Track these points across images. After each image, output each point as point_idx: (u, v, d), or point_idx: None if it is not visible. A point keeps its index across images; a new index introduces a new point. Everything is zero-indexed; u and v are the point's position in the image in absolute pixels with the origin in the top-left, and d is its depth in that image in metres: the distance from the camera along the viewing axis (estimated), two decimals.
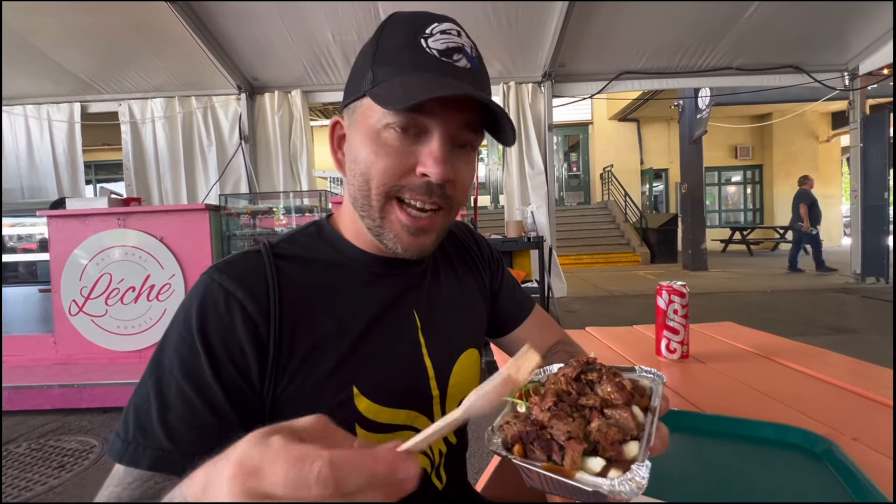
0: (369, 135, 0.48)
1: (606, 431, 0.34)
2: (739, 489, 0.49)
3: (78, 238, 2.75)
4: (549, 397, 0.38)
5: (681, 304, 0.92)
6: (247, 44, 3.85)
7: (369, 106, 0.48)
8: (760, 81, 4.53)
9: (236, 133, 4.31)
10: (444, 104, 0.46)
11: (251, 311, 0.46)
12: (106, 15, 3.41)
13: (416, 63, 0.47)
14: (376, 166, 0.48)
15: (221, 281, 0.47)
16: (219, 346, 0.45)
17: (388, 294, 0.55)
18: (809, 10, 3.78)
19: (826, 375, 0.81)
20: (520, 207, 4.35)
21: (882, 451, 0.55)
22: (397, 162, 0.47)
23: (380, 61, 0.48)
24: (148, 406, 0.42)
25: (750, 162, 11.67)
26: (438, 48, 0.47)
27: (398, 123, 0.46)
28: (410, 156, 0.48)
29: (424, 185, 0.48)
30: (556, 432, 0.34)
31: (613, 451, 0.34)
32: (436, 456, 0.58)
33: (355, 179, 0.50)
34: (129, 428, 0.42)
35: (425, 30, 0.48)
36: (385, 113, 0.46)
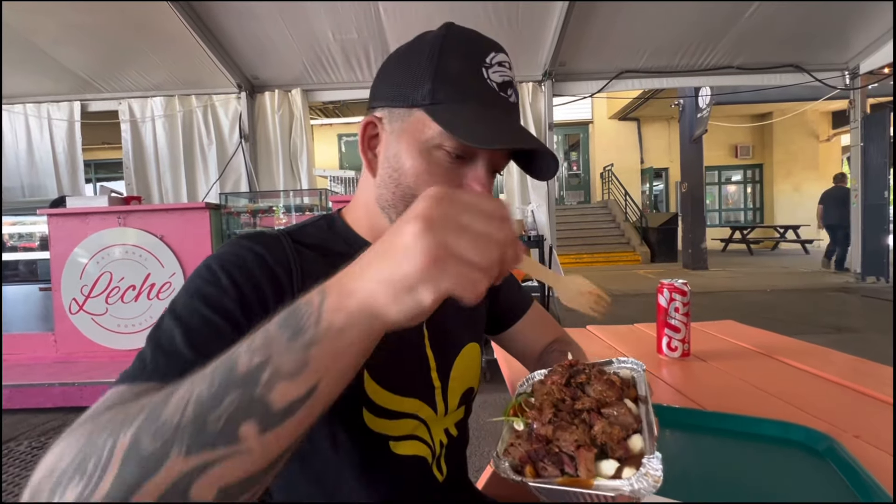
0: (420, 149, 0.49)
1: (611, 432, 0.34)
2: (742, 486, 0.49)
3: (78, 237, 2.75)
4: (547, 409, 0.38)
5: (682, 301, 0.92)
6: (247, 42, 3.84)
7: (422, 121, 0.48)
8: (761, 80, 4.53)
9: (236, 132, 4.30)
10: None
11: (280, 275, 0.48)
12: (106, 13, 3.40)
13: (479, 95, 0.49)
14: (427, 184, 0.49)
15: (251, 246, 0.48)
16: (246, 285, 0.45)
17: None
18: (810, 9, 3.77)
19: (827, 373, 0.81)
20: (520, 206, 4.35)
21: (883, 448, 0.55)
22: (445, 182, 0.49)
23: (441, 80, 0.48)
24: (169, 335, 0.40)
25: (750, 161, 11.67)
26: (497, 81, 0.50)
27: (454, 149, 0.48)
28: (456, 177, 0.50)
29: None
30: (564, 444, 0.34)
31: (622, 450, 0.34)
32: (437, 447, 0.58)
33: (396, 188, 0.51)
34: (145, 357, 0.39)
35: (486, 58, 0.50)
36: (442, 134, 0.47)
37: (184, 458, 0.25)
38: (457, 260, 0.28)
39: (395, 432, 0.53)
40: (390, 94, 0.51)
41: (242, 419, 0.26)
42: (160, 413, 0.27)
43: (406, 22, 3.59)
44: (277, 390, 0.27)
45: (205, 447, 0.25)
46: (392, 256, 0.28)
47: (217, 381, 0.27)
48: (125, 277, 2.76)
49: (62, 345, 2.78)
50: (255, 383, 0.27)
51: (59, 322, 2.78)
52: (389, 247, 0.29)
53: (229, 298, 0.43)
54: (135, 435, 0.26)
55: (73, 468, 0.26)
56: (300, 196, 3.49)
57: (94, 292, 2.75)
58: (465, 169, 0.50)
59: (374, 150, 0.54)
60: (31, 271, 3.15)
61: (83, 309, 2.76)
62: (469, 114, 0.47)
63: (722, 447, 0.57)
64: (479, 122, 0.47)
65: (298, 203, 3.39)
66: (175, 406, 0.27)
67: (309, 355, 0.27)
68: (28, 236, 3.33)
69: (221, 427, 0.26)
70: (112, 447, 0.26)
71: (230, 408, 0.26)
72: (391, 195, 0.51)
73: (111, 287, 2.76)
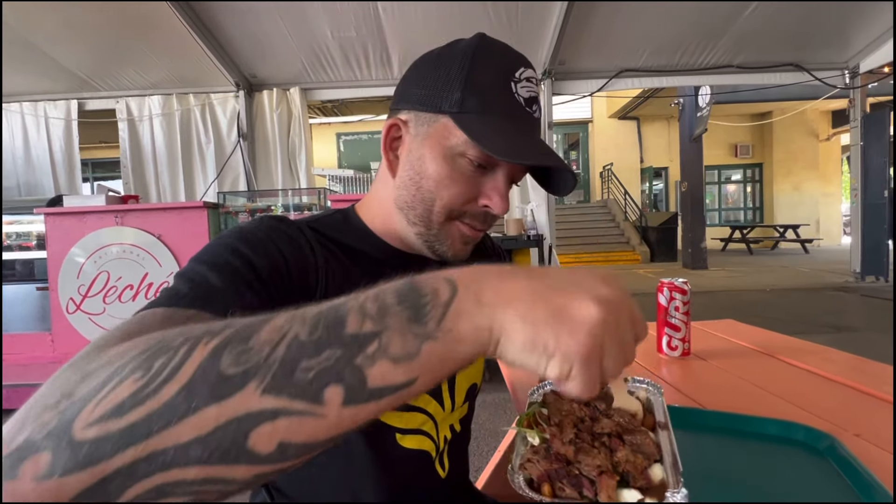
0: (444, 156, 0.50)
1: (634, 461, 0.34)
2: (742, 486, 0.49)
3: (75, 236, 2.74)
4: (568, 428, 0.37)
5: (682, 300, 0.91)
6: (245, 41, 3.83)
7: (448, 127, 0.50)
8: (760, 80, 4.53)
9: (234, 130, 4.29)
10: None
11: (307, 255, 0.48)
12: (104, 12, 3.39)
13: (508, 108, 0.50)
14: (448, 190, 0.51)
15: (279, 225, 0.49)
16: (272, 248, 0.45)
17: None
18: (809, 8, 3.77)
19: (828, 372, 0.81)
20: (519, 205, 4.34)
21: (884, 447, 0.55)
22: (466, 190, 0.51)
23: (471, 90, 0.49)
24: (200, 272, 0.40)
25: (750, 160, 11.68)
26: (525, 96, 0.51)
27: (478, 158, 0.50)
28: (476, 186, 0.52)
29: (482, 214, 0.53)
30: (586, 467, 0.34)
31: (644, 480, 0.33)
32: (441, 442, 0.58)
33: (417, 191, 0.52)
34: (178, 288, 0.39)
35: (515, 73, 0.51)
36: (467, 142, 0.49)
37: (259, 396, 0.23)
38: (599, 365, 0.27)
39: (403, 424, 0.54)
40: (418, 98, 0.52)
41: (333, 381, 0.24)
42: (249, 337, 0.25)
43: (405, 20, 3.58)
44: (378, 367, 0.25)
45: (285, 394, 0.23)
46: (557, 316, 0.27)
47: (320, 330, 0.25)
48: (123, 277, 2.75)
49: (59, 344, 2.78)
50: (360, 350, 0.25)
51: (57, 322, 2.77)
52: (558, 305, 0.27)
53: (259, 258, 0.43)
54: (216, 349, 0.24)
55: (134, 366, 0.23)
56: (299, 195, 3.48)
57: (92, 292, 2.75)
58: (485, 178, 0.52)
59: (395, 152, 0.55)
60: (29, 270, 3.14)
61: (80, 308, 2.75)
62: (495, 126, 0.48)
63: (722, 446, 0.57)
64: (504, 135, 0.48)
65: (297, 202, 3.39)
66: (267, 337, 0.25)
67: (422, 347, 0.26)
68: (25, 235, 3.32)
69: (310, 380, 0.24)
70: (188, 352, 0.24)
71: (325, 363, 0.24)
72: (411, 197, 0.52)
73: (108, 286, 2.75)
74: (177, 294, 0.37)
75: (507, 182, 0.52)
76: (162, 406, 0.22)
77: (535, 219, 4.05)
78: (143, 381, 0.23)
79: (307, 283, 0.47)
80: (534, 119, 0.52)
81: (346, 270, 0.52)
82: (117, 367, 0.24)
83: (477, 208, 0.52)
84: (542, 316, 0.26)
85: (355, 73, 4.23)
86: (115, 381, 0.23)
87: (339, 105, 9.51)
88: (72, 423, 0.22)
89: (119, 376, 0.23)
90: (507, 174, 0.52)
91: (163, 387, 0.22)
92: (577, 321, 0.26)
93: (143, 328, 0.32)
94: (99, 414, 0.22)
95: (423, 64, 0.53)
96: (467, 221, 0.53)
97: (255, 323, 0.26)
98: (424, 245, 0.54)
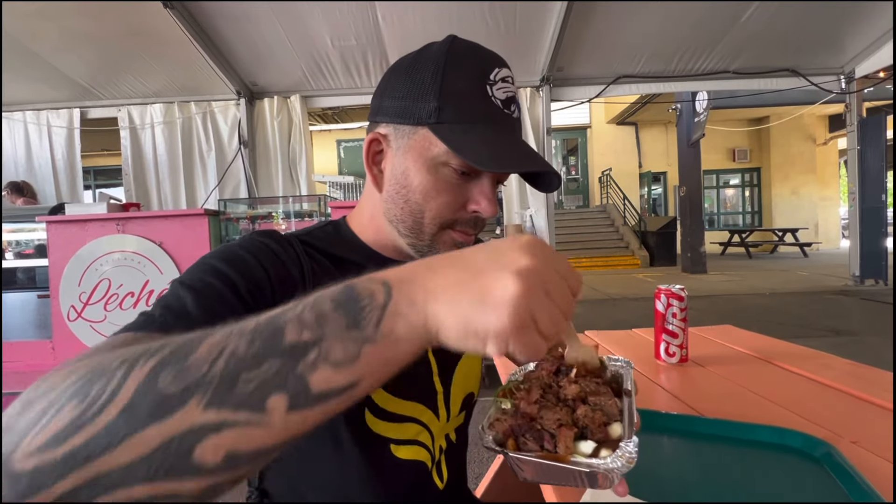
0: (427, 167, 0.50)
1: (593, 416, 0.36)
2: (738, 493, 0.49)
3: (77, 243, 2.75)
4: (535, 390, 0.40)
5: (679, 307, 0.92)
6: (246, 49, 3.86)
7: (428, 138, 0.49)
8: (758, 85, 4.55)
9: (235, 138, 4.31)
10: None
11: (294, 274, 0.49)
12: (105, 20, 3.42)
13: (485, 113, 0.50)
14: (435, 200, 0.51)
15: (267, 242, 0.49)
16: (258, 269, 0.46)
17: None
18: (805, 13, 3.81)
19: (825, 378, 0.81)
20: (518, 211, 4.35)
21: (881, 455, 0.55)
22: (453, 199, 0.51)
23: (447, 98, 0.49)
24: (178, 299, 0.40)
25: (748, 165, 11.71)
26: (501, 98, 0.50)
27: (460, 166, 0.50)
28: (463, 193, 0.52)
29: (473, 219, 0.53)
30: (547, 422, 0.36)
31: (601, 434, 0.36)
32: (436, 452, 0.58)
33: (405, 204, 0.52)
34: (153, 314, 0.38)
35: (490, 75, 0.50)
36: (448, 152, 0.49)
37: (202, 411, 0.23)
38: (535, 331, 0.28)
39: (397, 435, 0.53)
40: (395, 111, 0.51)
41: (275, 390, 0.24)
42: (187, 355, 0.25)
43: (404, 28, 3.61)
44: (320, 373, 0.25)
45: (228, 406, 0.24)
46: (480, 300, 0.27)
47: (258, 343, 0.25)
48: (124, 284, 2.75)
49: (60, 352, 2.77)
50: (300, 359, 0.25)
51: (58, 329, 2.77)
52: (479, 288, 0.28)
53: (242, 279, 0.44)
54: (154, 369, 0.24)
55: (71, 393, 0.24)
56: (299, 202, 3.49)
57: (93, 299, 2.75)
58: (470, 184, 0.52)
59: (379, 166, 0.54)
60: (30, 278, 3.15)
61: (81, 316, 2.75)
62: (474, 133, 0.48)
63: (719, 453, 0.57)
64: (484, 143, 0.48)
65: (297, 209, 3.40)
66: (206, 353, 0.25)
67: (362, 351, 0.26)
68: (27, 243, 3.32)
69: (252, 391, 0.24)
70: (125, 374, 0.24)
71: (266, 374, 0.24)
72: (400, 210, 0.52)
73: (109, 294, 2.75)
74: (149, 318, 0.38)
75: (493, 185, 0.52)
76: (101, 430, 0.22)
77: (535, 224, 4.06)
78: (81, 408, 0.23)
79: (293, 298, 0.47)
80: (513, 120, 0.52)
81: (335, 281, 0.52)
82: (56, 396, 0.24)
83: (467, 215, 0.52)
84: (467, 304, 0.27)
85: (355, 80, 4.26)
86: (53, 410, 0.23)
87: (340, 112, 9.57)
88: (11, 456, 0.22)
89: (57, 405, 0.23)
90: (492, 178, 0.52)
91: (101, 411, 0.23)
92: (499, 300, 0.27)
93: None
94: (37, 444, 0.22)
95: (395, 73, 0.52)
96: (459, 228, 0.53)
97: (193, 340, 0.26)
98: (419, 255, 0.55)
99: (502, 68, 0.52)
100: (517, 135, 0.52)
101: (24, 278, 3.17)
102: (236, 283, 0.43)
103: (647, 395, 0.79)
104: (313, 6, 3.43)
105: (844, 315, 4.23)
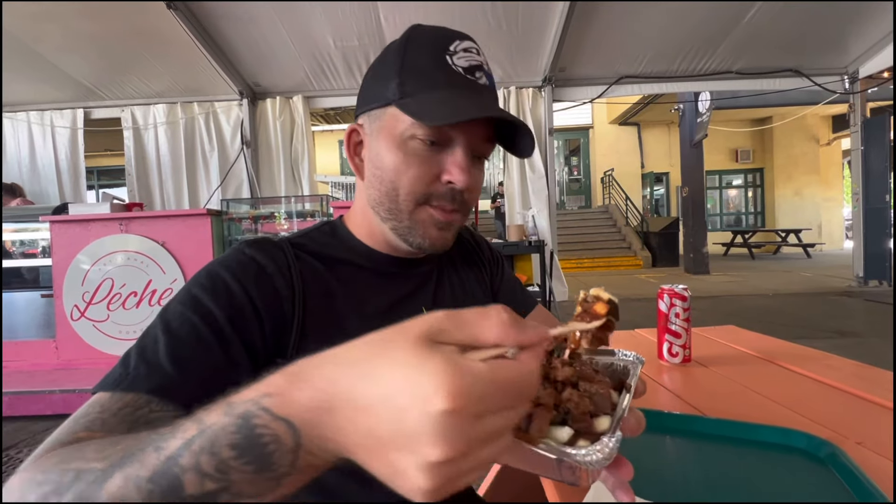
0: (396, 143, 0.50)
1: (578, 401, 0.32)
2: (742, 494, 0.49)
3: (80, 243, 2.76)
4: None
5: (682, 307, 0.91)
6: (248, 49, 3.87)
7: (395, 115, 0.50)
8: (760, 85, 4.54)
9: (238, 138, 4.33)
10: (470, 121, 0.49)
11: (279, 287, 0.48)
12: (109, 21, 3.44)
13: (445, 80, 0.50)
14: (406, 175, 0.50)
15: (254, 255, 0.49)
16: (241, 296, 0.45)
17: (398, 291, 0.58)
18: (809, 13, 3.80)
19: (829, 379, 0.81)
20: (521, 211, 4.35)
21: (886, 455, 0.55)
22: (425, 171, 0.50)
23: (408, 74, 0.50)
24: (154, 343, 0.41)
25: (751, 165, 11.68)
26: (463, 66, 0.51)
27: (427, 135, 0.49)
28: (435, 165, 0.51)
29: (448, 192, 0.52)
30: None
31: (584, 423, 0.31)
32: None
33: (380, 185, 0.52)
34: (129, 362, 0.39)
35: (450, 47, 0.51)
36: (414, 124, 0.49)
37: None
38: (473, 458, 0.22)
39: None
40: (365, 98, 0.54)
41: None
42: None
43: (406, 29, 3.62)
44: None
45: None
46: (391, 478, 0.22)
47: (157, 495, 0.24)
48: (127, 284, 2.76)
49: (63, 351, 2.78)
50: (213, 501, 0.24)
51: (61, 329, 2.78)
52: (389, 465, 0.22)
53: (221, 311, 0.44)
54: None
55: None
56: (301, 202, 3.50)
57: (96, 299, 2.76)
58: (443, 155, 0.51)
59: (360, 156, 0.56)
60: (34, 278, 3.16)
61: (84, 315, 2.76)
62: (436, 99, 0.48)
63: (722, 454, 0.57)
64: (443, 104, 0.48)
65: (300, 209, 3.40)
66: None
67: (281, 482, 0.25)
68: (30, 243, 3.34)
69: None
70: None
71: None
72: (378, 193, 0.53)
73: (113, 293, 2.76)
74: (125, 373, 0.38)
75: (466, 154, 0.51)
76: None
77: (537, 224, 4.06)
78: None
79: (281, 313, 0.48)
80: (479, 86, 0.51)
81: (327, 284, 0.52)
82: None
83: (441, 187, 0.51)
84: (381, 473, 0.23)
85: (357, 80, 4.26)
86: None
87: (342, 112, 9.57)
88: None
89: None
90: (465, 147, 0.51)
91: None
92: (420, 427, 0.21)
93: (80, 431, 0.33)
94: None
95: (368, 71, 0.55)
96: (436, 204, 0.52)
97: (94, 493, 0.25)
98: (400, 239, 0.55)
99: (464, 41, 0.52)
100: (485, 98, 0.51)
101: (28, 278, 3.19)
102: (215, 316, 0.43)
103: (651, 395, 0.78)
104: (315, 7, 3.44)
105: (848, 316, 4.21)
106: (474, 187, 0.53)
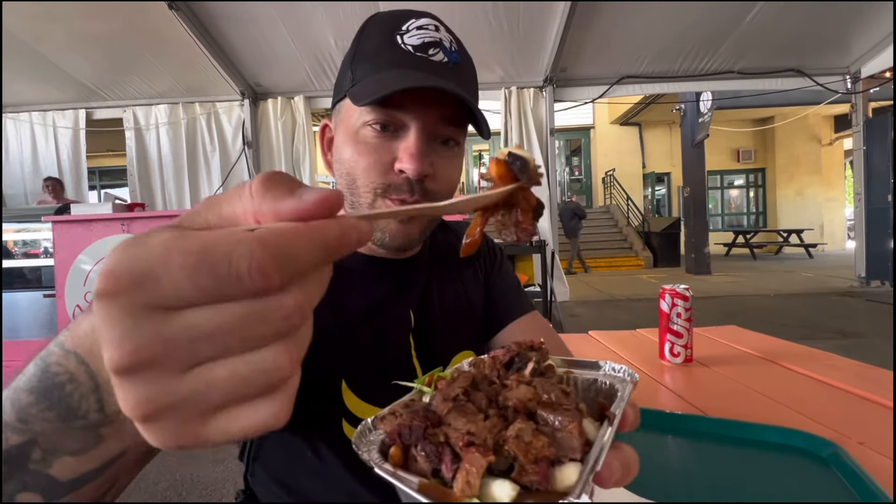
0: (350, 134, 0.49)
1: (530, 441, 0.21)
2: (744, 494, 0.49)
3: (82, 243, 2.77)
4: (461, 381, 0.27)
5: (684, 307, 0.91)
6: (250, 50, 3.88)
7: (349, 106, 0.49)
8: (762, 85, 4.54)
9: (239, 139, 4.34)
10: (420, 100, 0.46)
11: None
12: (111, 22, 3.45)
13: (391, 60, 0.47)
14: (359, 165, 0.48)
15: None
16: None
17: (378, 293, 0.55)
18: (811, 13, 3.79)
19: (831, 379, 0.81)
20: None
21: (888, 455, 0.55)
22: (377, 159, 0.47)
23: (358, 61, 0.49)
24: None
25: (752, 165, 11.66)
26: (413, 44, 0.48)
27: (375, 120, 0.47)
28: (388, 153, 0.48)
29: (405, 182, 0.47)
30: (454, 433, 0.22)
31: (536, 476, 0.21)
32: None
33: (342, 179, 0.51)
34: None
35: (402, 27, 0.48)
36: (362, 111, 0.47)
37: None
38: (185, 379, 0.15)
39: None
40: (334, 95, 0.54)
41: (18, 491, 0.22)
42: None
43: None
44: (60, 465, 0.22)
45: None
46: None
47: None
48: None
49: None
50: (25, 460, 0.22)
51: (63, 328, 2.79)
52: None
53: None
54: None
55: None
56: None
57: None
58: (397, 142, 0.48)
59: (331, 152, 0.56)
60: (36, 278, 3.17)
61: None
62: (379, 80, 0.45)
63: (724, 454, 0.57)
64: (380, 83, 0.45)
65: None
66: None
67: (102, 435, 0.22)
68: (33, 243, 3.35)
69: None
70: None
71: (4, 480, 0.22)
72: (346, 190, 0.50)
73: None
74: None
75: (419, 139, 0.47)
76: None
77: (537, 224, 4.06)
78: None
79: None
80: (431, 62, 0.47)
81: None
82: None
83: (397, 178, 0.47)
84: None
85: None
86: None
87: None
88: None
89: None
90: (419, 131, 0.47)
91: None
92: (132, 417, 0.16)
93: None
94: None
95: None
96: (394, 196, 0.48)
97: None
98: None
99: (420, 19, 0.49)
100: (442, 75, 0.47)
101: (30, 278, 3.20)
102: None
103: (652, 395, 0.78)
104: (317, 7, 3.44)
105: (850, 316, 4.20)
106: (435, 174, 0.48)
